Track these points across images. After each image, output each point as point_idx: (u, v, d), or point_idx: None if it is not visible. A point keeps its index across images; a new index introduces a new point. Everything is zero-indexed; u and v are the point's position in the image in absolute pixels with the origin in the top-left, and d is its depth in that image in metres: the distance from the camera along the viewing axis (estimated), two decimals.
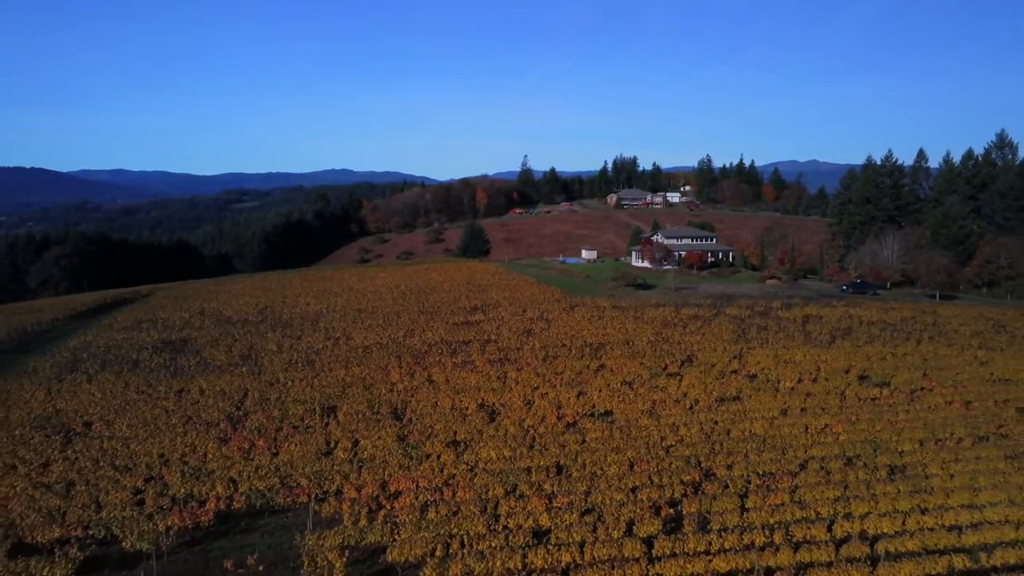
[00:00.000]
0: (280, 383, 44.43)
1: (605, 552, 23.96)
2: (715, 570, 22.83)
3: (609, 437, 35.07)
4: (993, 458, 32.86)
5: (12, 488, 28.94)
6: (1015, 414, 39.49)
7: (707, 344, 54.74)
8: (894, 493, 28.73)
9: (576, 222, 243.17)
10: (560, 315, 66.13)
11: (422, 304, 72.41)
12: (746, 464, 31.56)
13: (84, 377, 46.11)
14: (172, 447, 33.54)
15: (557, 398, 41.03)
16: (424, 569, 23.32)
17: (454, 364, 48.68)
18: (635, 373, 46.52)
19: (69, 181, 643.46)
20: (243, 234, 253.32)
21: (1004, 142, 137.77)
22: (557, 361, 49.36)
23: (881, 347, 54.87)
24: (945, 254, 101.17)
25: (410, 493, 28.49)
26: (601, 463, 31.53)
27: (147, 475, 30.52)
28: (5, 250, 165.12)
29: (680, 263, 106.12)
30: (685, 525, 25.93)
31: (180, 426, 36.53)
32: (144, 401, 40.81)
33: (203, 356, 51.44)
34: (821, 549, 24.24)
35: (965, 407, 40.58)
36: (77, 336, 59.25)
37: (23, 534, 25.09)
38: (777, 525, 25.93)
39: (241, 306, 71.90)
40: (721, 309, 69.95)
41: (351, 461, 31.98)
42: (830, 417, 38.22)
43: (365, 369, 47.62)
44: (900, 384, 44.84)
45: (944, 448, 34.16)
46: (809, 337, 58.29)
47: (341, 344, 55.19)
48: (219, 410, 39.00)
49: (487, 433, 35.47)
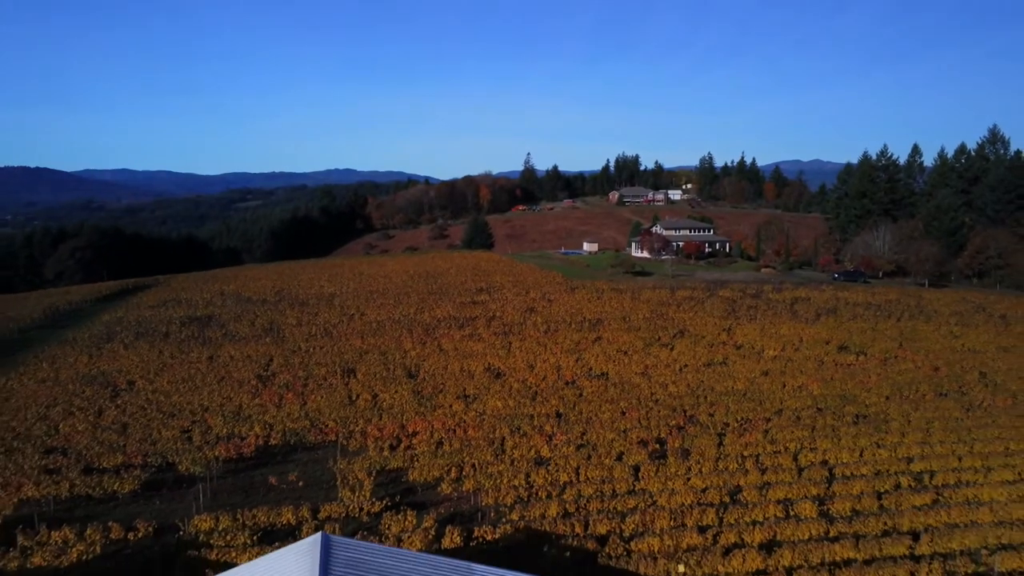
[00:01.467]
0: (302, 350, 48.17)
1: (597, 474, 27.60)
2: (693, 487, 26.43)
3: (604, 392, 38.70)
4: (950, 409, 36.43)
5: (74, 428, 32.71)
6: (977, 377, 43.01)
7: (699, 320, 58.33)
8: (856, 433, 32.32)
9: (578, 218, 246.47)
10: (561, 296, 69.81)
11: (430, 286, 76.16)
12: (726, 412, 35.17)
13: (120, 345, 49.92)
14: (210, 399, 37.29)
15: (557, 362, 44.68)
16: (441, 484, 27.07)
17: (462, 336, 52.37)
18: (630, 343, 50.12)
19: (73, 181, 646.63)
20: (250, 230, 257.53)
21: (996, 137, 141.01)
22: (558, 334, 53.03)
23: (863, 323, 58.38)
24: (935, 243, 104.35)
25: (426, 433, 32.17)
26: (596, 411, 35.16)
27: (191, 420, 34.26)
28: (22, 242, 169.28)
29: (678, 253, 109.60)
30: (668, 456, 29.55)
31: (215, 383, 40.28)
32: (179, 364, 44.59)
33: (228, 329, 55.22)
34: (785, 472, 27.88)
35: (933, 371, 44.13)
36: (108, 313, 63.10)
37: (91, 460, 28.84)
38: (749, 456, 29.54)
39: (259, 288, 75.75)
40: (714, 292, 73.50)
41: (372, 408, 35.68)
42: (807, 377, 41.81)
43: (380, 340, 51.36)
44: (875, 352, 48.37)
45: (907, 401, 37.73)
46: (796, 315, 61.83)
47: (356, 319, 58.95)
48: (248, 371, 42.76)
49: (493, 389, 39.13)
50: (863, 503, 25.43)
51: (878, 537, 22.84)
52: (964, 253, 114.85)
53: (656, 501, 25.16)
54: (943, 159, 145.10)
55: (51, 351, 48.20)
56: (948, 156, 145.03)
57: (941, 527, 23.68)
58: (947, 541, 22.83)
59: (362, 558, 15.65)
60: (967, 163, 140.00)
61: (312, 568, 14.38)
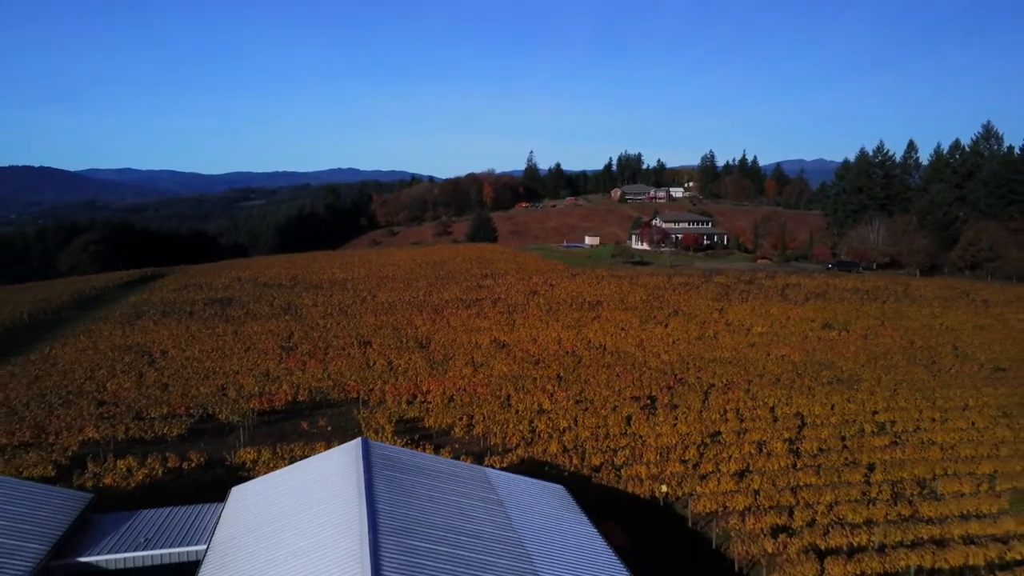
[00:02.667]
0: (320, 326, 51.49)
1: (593, 421, 30.87)
2: (678, 431, 29.66)
3: (601, 359, 41.96)
4: (919, 374, 39.61)
5: (120, 386, 36.07)
6: (951, 350, 46.15)
7: (693, 302, 61.53)
8: (829, 391, 35.53)
9: (580, 215, 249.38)
10: (562, 281, 73.07)
11: (437, 273, 79.46)
12: (712, 375, 38.39)
13: (150, 322, 53.29)
14: (239, 364, 40.64)
15: (558, 336, 47.93)
16: (454, 430, 30.37)
17: (469, 314, 55.66)
18: (627, 321, 53.36)
19: (77, 180, 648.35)
20: (257, 226, 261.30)
21: (990, 133, 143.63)
22: (559, 313, 56.28)
23: (849, 305, 61.50)
24: (927, 235, 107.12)
25: (438, 391, 35.43)
26: (593, 375, 38.41)
27: (224, 380, 37.58)
28: (35, 237, 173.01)
29: (677, 245, 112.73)
30: (658, 408, 32.79)
31: (242, 352, 43.62)
32: (207, 336, 47.94)
33: (249, 309, 58.58)
34: (761, 421, 31.12)
35: (908, 344, 47.29)
36: (133, 296, 66.48)
37: (140, 410, 32.18)
38: (730, 409, 32.76)
39: (273, 275, 79.12)
40: (710, 278, 76.66)
41: (388, 372, 38.99)
42: (790, 348, 45.00)
43: (391, 317, 54.67)
44: (857, 329, 51.53)
45: (880, 367, 40.90)
46: (786, 298, 64.96)
47: (368, 301, 62.28)
48: (272, 343, 46.11)
49: (499, 357, 42.40)
50: (828, 444, 28.65)
51: (838, 468, 26.07)
52: (957, 246, 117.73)
53: (645, 441, 28.41)
54: (938, 155, 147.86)
55: (86, 327, 51.59)
56: (944, 152, 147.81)
57: (895, 461, 26.88)
58: (898, 471, 26.04)
59: (395, 456, 18.98)
60: (961, 159, 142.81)
61: (356, 461, 17.70)
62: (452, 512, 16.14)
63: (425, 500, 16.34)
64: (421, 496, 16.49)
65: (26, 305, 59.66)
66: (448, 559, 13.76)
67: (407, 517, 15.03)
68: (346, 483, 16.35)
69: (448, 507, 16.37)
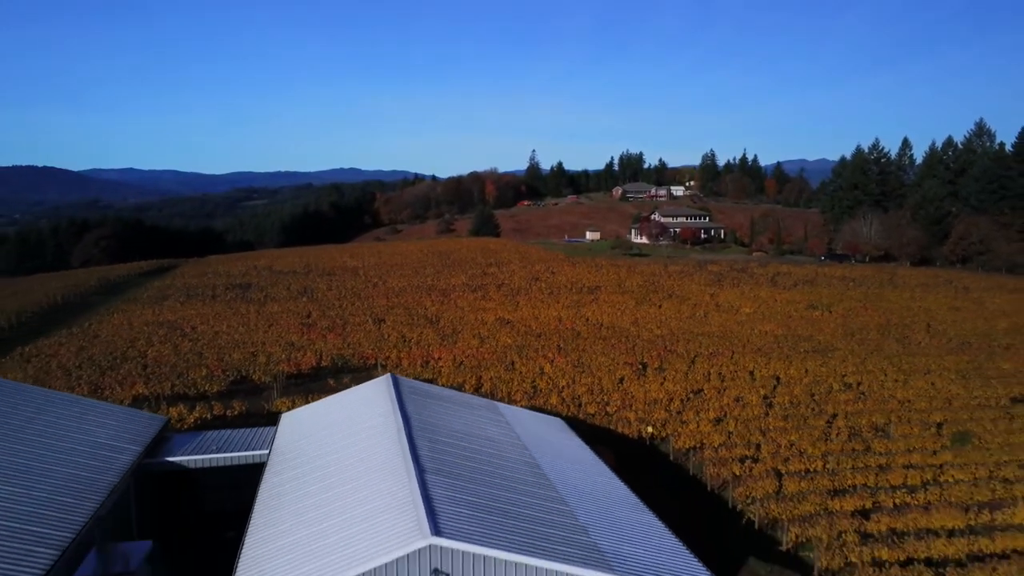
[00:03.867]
0: (336, 306, 55.03)
1: (589, 381, 34.33)
2: (665, 389, 33.10)
3: (598, 333, 45.44)
4: (890, 345, 43.03)
5: (159, 353, 39.62)
6: (923, 327, 49.54)
7: (687, 287, 64.99)
8: (804, 358, 38.97)
9: (581, 213, 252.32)
10: (563, 268, 76.59)
11: (444, 262, 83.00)
12: (699, 346, 41.84)
13: (176, 303, 56.87)
14: (265, 336, 44.18)
15: (559, 315, 51.42)
16: (464, 389, 33.83)
17: (474, 297, 59.17)
18: (623, 302, 56.82)
19: (80, 180, 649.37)
20: (262, 223, 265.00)
21: (982, 130, 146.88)
22: (560, 296, 59.77)
23: (834, 290, 64.90)
24: (916, 227, 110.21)
25: (449, 357, 38.93)
26: (590, 345, 41.88)
27: (253, 349, 41.12)
28: (49, 232, 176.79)
29: (675, 238, 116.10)
30: (647, 372, 36.25)
31: (266, 327, 47.16)
32: (232, 315, 51.50)
33: (267, 292, 62.13)
34: (740, 380, 34.56)
35: (885, 321, 50.69)
36: (156, 282, 70.09)
37: (181, 372, 35.71)
38: (713, 372, 36.21)
39: (287, 264, 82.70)
40: (704, 267, 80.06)
41: (402, 343, 42.50)
42: (774, 325, 48.45)
43: (402, 299, 58.21)
44: (839, 309, 54.95)
45: (855, 340, 44.34)
46: (776, 284, 68.38)
47: (379, 286, 65.83)
48: (293, 320, 49.64)
49: (503, 331, 45.88)
50: (799, 399, 32.10)
51: (805, 416, 29.53)
52: (948, 240, 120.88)
53: (635, 396, 31.88)
54: (932, 152, 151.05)
55: (117, 307, 55.18)
56: (937, 149, 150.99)
57: (856, 411, 30.31)
58: (858, 419, 29.46)
59: (418, 386, 22.52)
60: (954, 156, 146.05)
61: (388, 388, 21.22)
62: (467, 422, 19.66)
63: (445, 414, 19.85)
64: (441, 411, 20.01)
65: (58, 290, 63.25)
66: (466, 450, 17.24)
67: (432, 423, 18.53)
68: (382, 401, 19.86)
69: (464, 420, 19.88)
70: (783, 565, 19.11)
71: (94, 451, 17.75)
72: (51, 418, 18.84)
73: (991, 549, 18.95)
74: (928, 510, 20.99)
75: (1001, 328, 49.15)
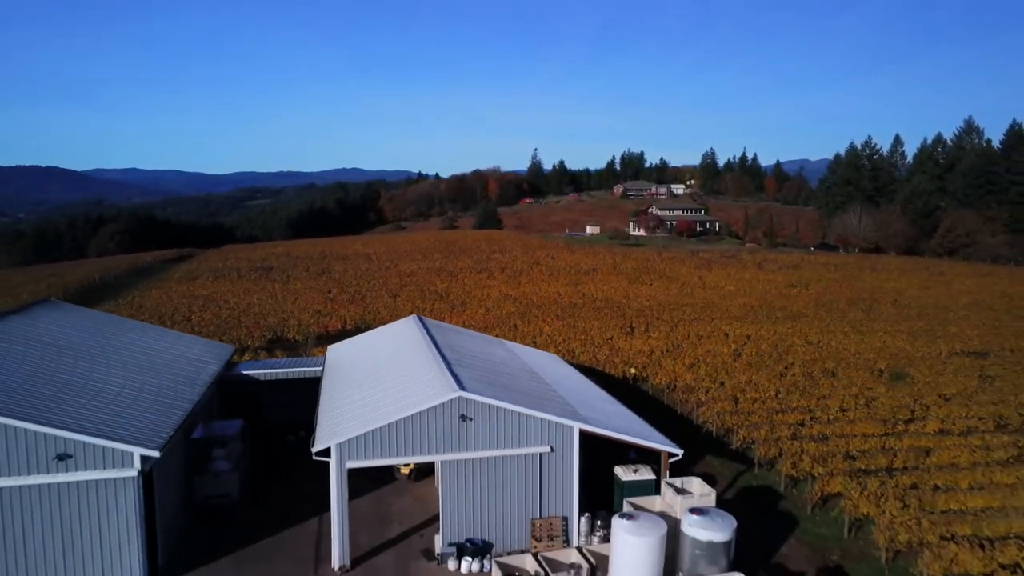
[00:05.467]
0: (353, 284, 59.99)
1: (583, 339, 39.21)
2: (649, 344, 37.95)
3: (593, 304, 50.33)
4: (855, 314, 47.78)
5: (201, 318, 44.53)
6: (891, 302, 54.27)
7: (677, 269, 69.83)
8: (775, 323, 43.76)
9: (582, 210, 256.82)
10: (562, 254, 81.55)
11: (450, 249, 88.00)
12: (682, 314, 46.67)
13: (207, 281, 61.85)
14: (293, 307, 49.14)
15: (557, 291, 56.30)
16: None
17: (480, 277, 64.09)
18: (617, 282, 61.69)
19: (83, 179, 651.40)
20: (269, 220, 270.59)
21: (971, 128, 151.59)
22: (559, 276, 64.65)
23: (816, 272, 69.64)
24: (902, 219, 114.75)
25: (458, 322, 43.79)
26: (585, 314, 46.75)
27: (284, 316, 46.07)
28: (65, 227, 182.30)
29: (671, 230, 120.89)
30: (634, 332, 41.10)
31: (293, 300, 52.13)
32: (259, 290, 56.47)
33: (288, 273, 67.11)
34: (715, 338, 39.41)
35: (855, 296, 55.44)
36: (182, 265, 75.18)
37: (224, 331, 40.61)
38: (692, 332, 41.04)
39: (303, 251, 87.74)
40: (696, 254, 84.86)
41: (416, 311, 47.37)
42: (752, 299, 53.26)
43: (414, 279, 63.16)
44: (815, 287, 59.71)
45: (824, 310, 49.14)
46: (761, 268, 73.17)
47: (392, 268, 70.82)
48: (316, 294, 54.60)
49: (507, 303, 50.79)
50: (764, 351, 36.90)
51: (766, 363, 34.32)
52: (936, 233, 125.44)
53: (622, 348, 36.74)
54: (923, 148, 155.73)
55: (152, 285, 60.20)
56: (928, 146, 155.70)
57: (812, 359, 35.11)
58: (811, 365, 34.25)
59: (440, 324, 27.48)
60: (944, 152, 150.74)
61: (416, 322, 26.12)
62: (480, 346, 24.58)
63: (462, 340, 24.76)
64: (459, 338, 24.93)
65: (96, 271, 68.32)
66: (479, 359, 22.12)
67: (452, 343, 23.41)
68: (412, 329, 24.77)
69: (477, 344, 24.80)
70: (732, 459, 23.95)
71: (188, 362, 22.68)
72: (150, 340, 23.78)
73: (898, 445, 23.73)
74: (854, 422, 25.78)
75: (962, 303, 53.87)
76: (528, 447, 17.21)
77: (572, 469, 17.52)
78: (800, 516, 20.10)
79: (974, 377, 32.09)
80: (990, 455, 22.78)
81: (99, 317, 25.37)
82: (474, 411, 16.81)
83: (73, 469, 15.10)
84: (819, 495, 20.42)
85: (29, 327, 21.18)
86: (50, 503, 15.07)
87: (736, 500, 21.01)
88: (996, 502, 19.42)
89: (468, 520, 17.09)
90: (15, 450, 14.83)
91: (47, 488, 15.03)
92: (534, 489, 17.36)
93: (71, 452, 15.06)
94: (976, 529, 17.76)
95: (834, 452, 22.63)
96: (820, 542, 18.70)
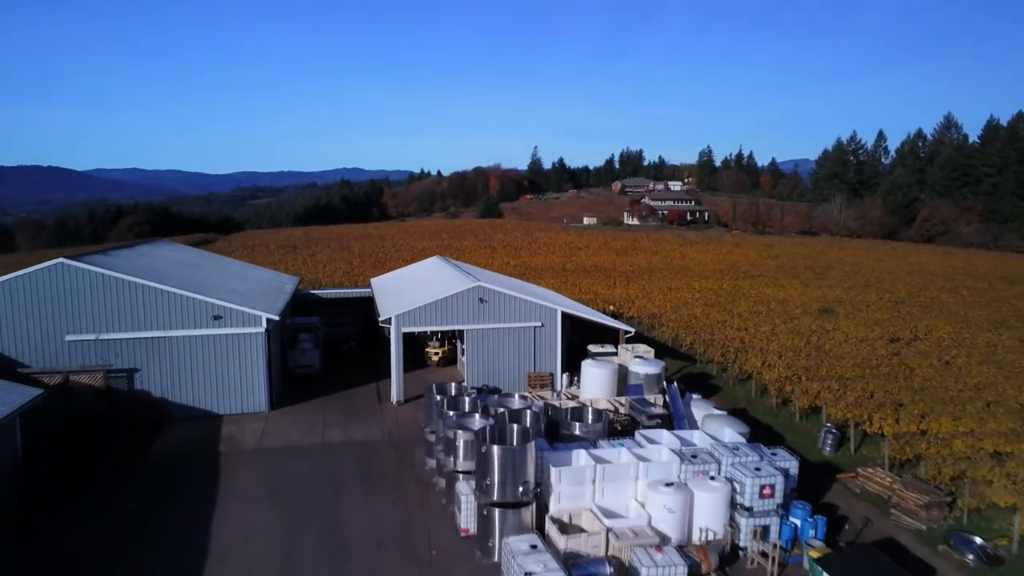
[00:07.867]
0: (372, 255, 67.75)
1: (573, 290, 46.86)
2: (627, 293, 45.61)
3: (584, 270, 58.02)
4: (809, 277, 55.39)
5: None
6: (845, 269, 61.82)
7: (662, 247, 77.58)
8: (737, 279, 51.41)
9: (582, 206, 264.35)
10: (558, 235, 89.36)
11: (456, 232, 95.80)
12: (660, 276, 54.33)
13: (242, 255, 69.49)
14: (324, 270, 56.85)
15: (553, 261, 64.01)
16: None
17: (484, 251, 71.80)
18: (607, 255, 69.42)
19: (85, 179, 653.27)
20: (276, 216, 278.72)
21: (951, 123, 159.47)
22: (555, 250, 72.38)
23: (786, 249, 77.26)
24: (879, 207, 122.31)
25: None
26: (577, 276, 54.45)
27: (318, 273, 53.77)
28: (86, 219, 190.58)
29: (663, 220, 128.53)
30: (616, 286, 48.76)
31: (323, 266, 59.85)
32: (291, 259, 64.16)
33: (313, 250, 74.79)
34: (682, 289, 47.05)
35: (815, 263, 63.03)
36: (215, 244, 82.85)
37: None
38: (665, 286, 48.71)
39: (321, 235, 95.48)
40: (681, 235, 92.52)
41: None
42: (723, 265, 60.89)
43: (425, 253, 70.66)
44: (782, 259, 67.36)
45: (785, 273, 56.82)
46: (738, 246, 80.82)
47: (405, 245, 78.56)
48: (341, 262, 62.31)
49: (507, 269, 58.47)
50: (720, 296, 44.54)
51: (721, 304, 41.95)
52: (915, 222, 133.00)
53: (604, 295, 44.42)
54: (905, 143, 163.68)
55: None
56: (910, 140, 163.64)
57: (760, 300, 42.72)
58: (757, 305, 41.84)
59: (457, 262, 35.18)
60: (924, 146, 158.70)
61: (440, 259, 33.83)
62: (490, 272, 32.28)
63: (476, 268, 32.47)
64: (476, 270, 32.64)
65: None
66: (492, 275, 29.80)
67: (469, 268, 31.12)
68: (438, 260, 32.51)
69: (490, 275, 32.50)
70: (681, 359, 31.57)
71: (272, 280, 30.37)
72: (237, 268, 31.47)
73: (805, 347, 31.32)
74: (778, 336, 33.38)
75: (907, 271, 61.43)
76: (526, 322, 24.88)
77: (556, 339, 25.20)
78: (724, 387, 27.75)
79: (888, 313, 39.69)
80: (874, 351, 30.34)
81: (201, 252, 33.05)
82: (488, 296, 24.48)
83: (224, 326, 22.75)
84: (737, 372, 28.09)
85: (158, 251, 28.91)
86: (210, 348, 22.71)
87: (680, 381, 28.63)
88: (860, 373, 26.98)
89: (484, 371, 24.78)
90: (187, 313, 22.45)
91: (208, 338, 22.66)
92: (529, 352, 25.04)
93: (222, 315, 22.70)
94: (841, 385, 25.33)
95: (756, 348, 30.25)
96: (736, 400, 26.33)
